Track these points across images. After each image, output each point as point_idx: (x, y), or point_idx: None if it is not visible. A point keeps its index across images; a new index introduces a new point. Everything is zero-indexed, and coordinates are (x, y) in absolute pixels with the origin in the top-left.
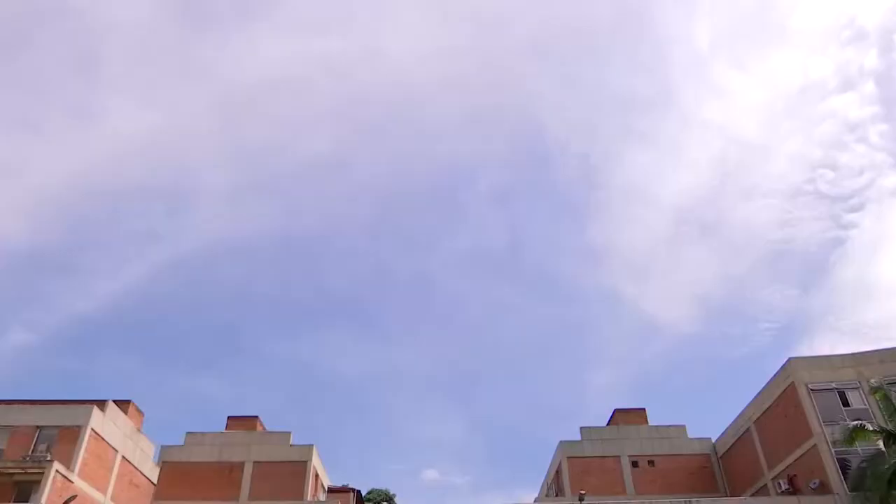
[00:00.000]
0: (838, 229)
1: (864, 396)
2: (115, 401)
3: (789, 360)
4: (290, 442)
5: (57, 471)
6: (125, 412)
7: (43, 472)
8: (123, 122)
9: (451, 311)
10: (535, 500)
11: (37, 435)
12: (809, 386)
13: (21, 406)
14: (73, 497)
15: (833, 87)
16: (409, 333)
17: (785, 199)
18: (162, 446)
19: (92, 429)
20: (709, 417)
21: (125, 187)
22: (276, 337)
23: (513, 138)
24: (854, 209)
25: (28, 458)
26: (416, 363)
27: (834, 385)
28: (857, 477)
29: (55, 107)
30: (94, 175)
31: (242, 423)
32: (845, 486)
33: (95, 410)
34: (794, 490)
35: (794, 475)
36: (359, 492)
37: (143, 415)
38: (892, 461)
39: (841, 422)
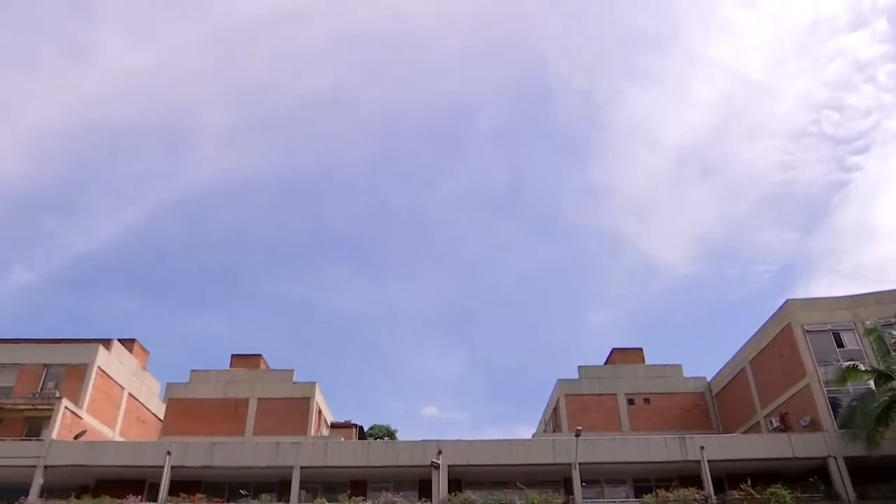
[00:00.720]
0: (841, 172)
1: (858, 338)
2: (119, 340)
3: (787, 301)
4: (293, 380)
5: (66, 407)
6: (130, 351)
7: (52, 409)
8: (119, 59)
9: (450, 250)
10: (532, 436)
11: (44, 373)
12: (805, 327)
13: (27, 345)
14: (83, 432)
15: (844, 25)
16: (409, 272)
17: (789, 141)
18: (167, 383)
19: (98, 367)
20: (705, 357)
21: (122, 126)
22: (276, 276)
23: (514, 76)
24: (858, 151)
25: (37, 396)
26: (415, 302)
27: (830, 326)
28: (847, 415)
29: (50, 45)
30: (91, 114)
31: (246, 361)
32: (835, 423)
33: (101, 349)
34: (785, 427)
35: (786, 413)
36: (361, 427)
37: (147, 353)
38: (882, 400)
39: (834, 362)
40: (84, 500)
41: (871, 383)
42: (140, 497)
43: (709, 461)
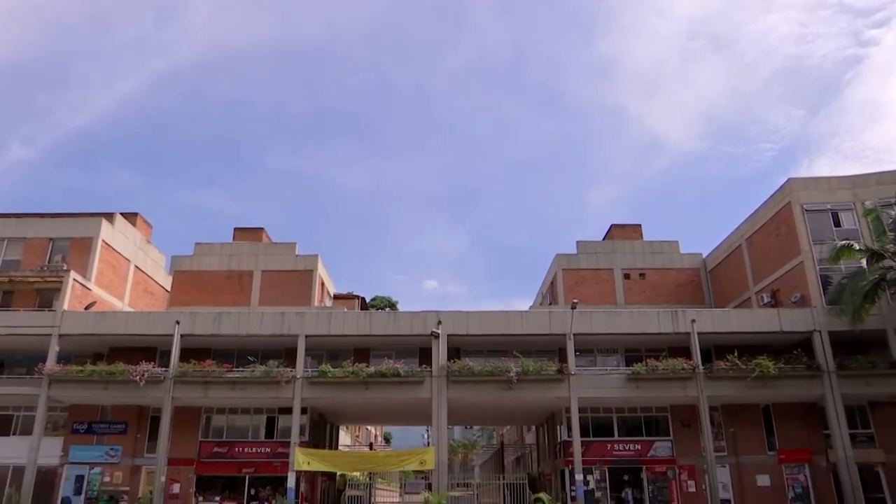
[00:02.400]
0: (857, 47)
1: (856, 217)
2: (122, 213)
3: (789, 180)
4: (296, 252)
5: (75, 279)
6: (133, 224)
7: (62, 281)
8: None
9: (452, 126)
10: (529, 308)
11: (50, 246)
12: (804, 206)
13: (31, 219)
14: (93, 303)
15: None
16: (411, 148)
17: (805, 12)
18: (172, 256)
19: (103, 240)
20: (703, 236)
21: None
22: (277, 151)
23: None
24: (878, 24)
25: (46, 269)
26: (417, 178)
27: (829, 206)
28: (836, 292)
29: None
30: None
31: (249, 234)
32: (823, 299)
33: (104, 222)
34: (775, 303)
35: (778, 290)
36: (363, 298)
37: (150, 227)
38: (871, 278)
39: (830, 241)
40: (99, 366)
41: (864, 262)
42: (152, 363)
43: (699, 333)
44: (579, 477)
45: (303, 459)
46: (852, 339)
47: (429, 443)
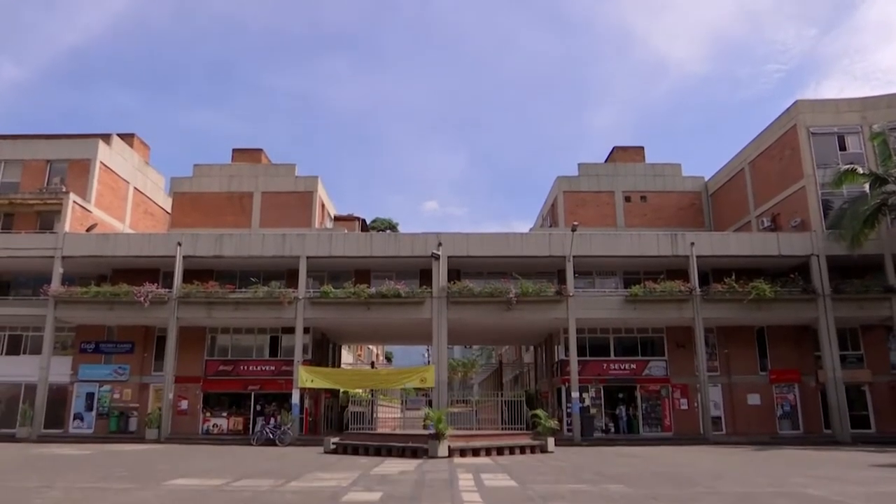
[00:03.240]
0: None
1: (862, 141)
2: (119, 134)
3: (796, 102)
4: (295, 174)
5: (74, 201)
6: (130, 146)
7: (61, 203)
8: None
9: (453, 44)
10: (529, 230)
11: (48, 168)
12: (811, 129)
13: (28, 141)
14: (94, 225)
15: None
16: (411, 67)
17: None
18: (172, 178)
19: (101, 161)
20: (705, 159)
21: None
22: (274, 70)
23: None
24: None
25: (45, 191)
26: (418, 97)
27: (836, 129)
28: (836, 217)
29: None
30: None
31: (248, 155)
32: (823, 224)
33: (101, 144)
34: (775, 227)
35: (778, 214)
36: (364, 220)
37: (148, 148)
38: (873, 203)
39: (834, 165)
40: (103, 287)
41: (867, 187)
42: (156, 284)
43: (697, 257)
44: (575, 394)
45: (306, 377)
46: (849, 263)
47: (429, 362)
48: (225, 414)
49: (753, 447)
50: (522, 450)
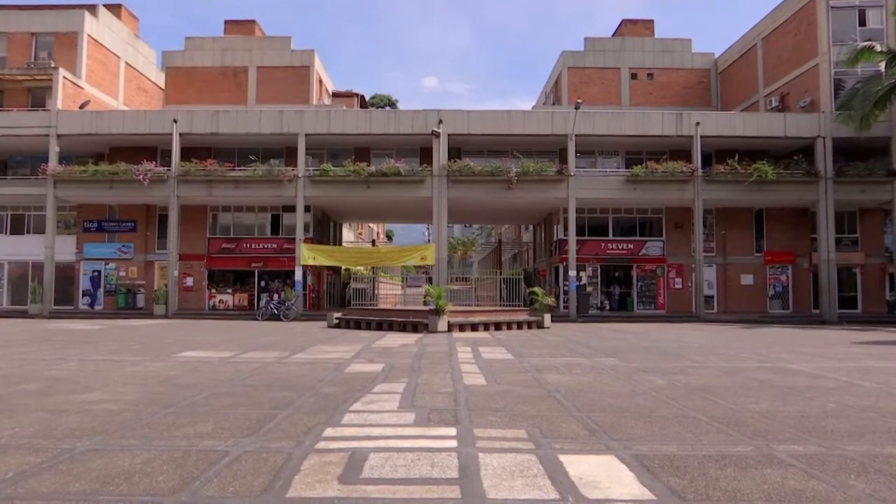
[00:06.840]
0: None
1: (883, 16)
2: (104, 5)
3: None
4: (291, 47)
5: (64, 77)
6: (118, 17)
7: (51, 79)
8: None
9: None
10: (532, 108)
11: (34, 42)
12: (830, 2)
13: (10, 11)
14: (87, 102)
15: None
16: None
17: None
18: (163, 52)
19: (88, 34)
20: (717, 36)
21: None
22: None
23: None
24: None
25: (33, 66)
26: None
27: (857, 2)
28: (847, 97)
29: None
30: None
31: (241, 27)
32: (833, 105)
33: (87, 15)
34: (783, 108)
35: (787, 93)
36: (362, 96)
37: (136, 19)
38: (887, 83)
39: (851, 42)
40: (102, 166)
41: (882, 65)
42: (154, 162)
43: (702, 137)
44: (572, 273)
45: (308, 254)
46: (855, 146)
47: (429, 240)
48: (230, 290)
49: (743, 325)
50: (520, 325)
